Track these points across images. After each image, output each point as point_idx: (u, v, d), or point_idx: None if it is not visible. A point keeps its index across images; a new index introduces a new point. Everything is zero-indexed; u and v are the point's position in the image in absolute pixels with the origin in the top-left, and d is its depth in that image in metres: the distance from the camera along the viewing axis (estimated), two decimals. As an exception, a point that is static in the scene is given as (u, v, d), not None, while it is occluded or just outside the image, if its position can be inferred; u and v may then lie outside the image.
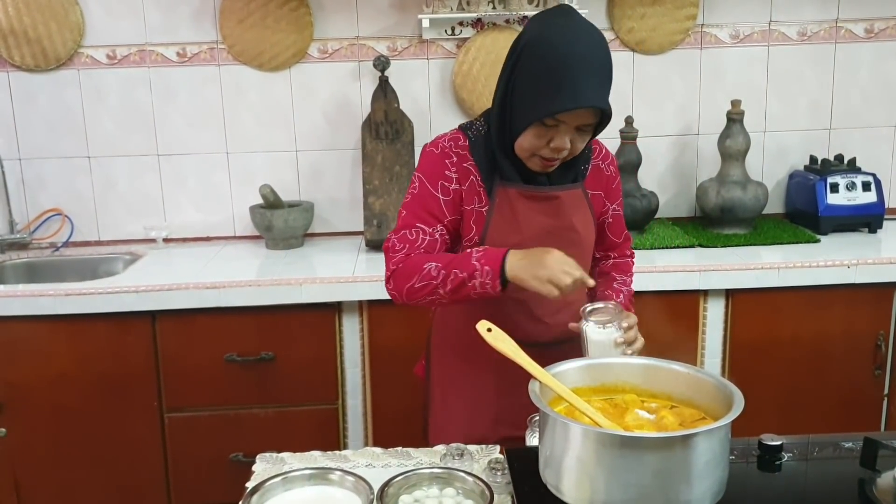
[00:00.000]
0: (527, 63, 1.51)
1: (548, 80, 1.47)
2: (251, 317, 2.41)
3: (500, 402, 1.72)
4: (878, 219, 2.80)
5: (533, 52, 1.51)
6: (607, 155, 1.76)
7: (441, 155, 1.63)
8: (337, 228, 2.97)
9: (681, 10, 2.85)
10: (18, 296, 2.37)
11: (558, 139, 1.52)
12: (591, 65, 1.48)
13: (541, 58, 1.49)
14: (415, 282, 1.56)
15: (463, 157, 1.63)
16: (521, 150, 1.57)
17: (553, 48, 1.47)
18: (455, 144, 1.64)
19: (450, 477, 1.35)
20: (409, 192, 1.66)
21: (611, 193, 1.77)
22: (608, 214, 1.78)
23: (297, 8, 2.79)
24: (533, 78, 1.50)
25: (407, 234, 1.62)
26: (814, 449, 1.49)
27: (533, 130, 1.53)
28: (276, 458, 1.52)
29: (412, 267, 1.57)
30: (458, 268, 1.52)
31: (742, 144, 2.77)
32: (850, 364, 2.52)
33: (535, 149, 1.55)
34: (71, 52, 2.79)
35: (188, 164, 2.90)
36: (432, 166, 1.64)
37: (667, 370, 1.43)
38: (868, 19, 2.90)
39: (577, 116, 1.50)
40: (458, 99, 2.87)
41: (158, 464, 2.48)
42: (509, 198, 1.62)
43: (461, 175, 1.63)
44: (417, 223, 1.62)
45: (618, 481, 1.17)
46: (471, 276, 1.50)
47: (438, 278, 1.53)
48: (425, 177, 1.64)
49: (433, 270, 1.54)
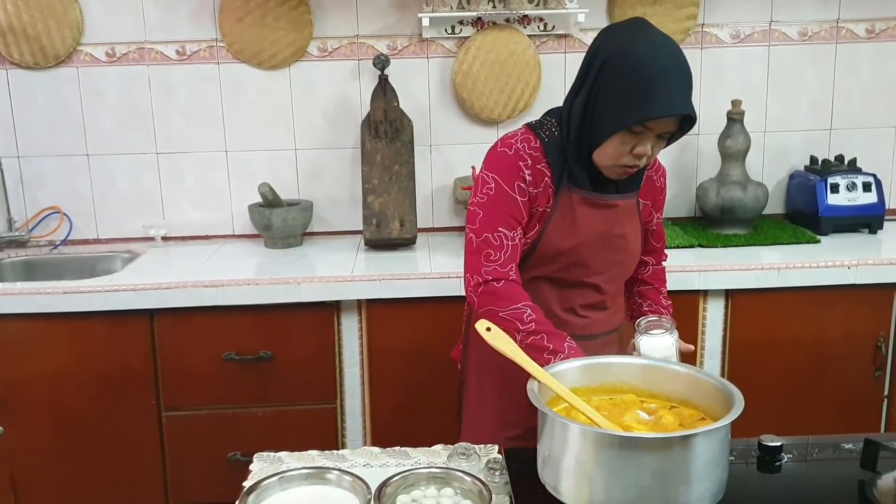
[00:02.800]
0: (612, 74, 1.54)
1: (638, 90, 1.50)
2: (250, 316, 2.40)
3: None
4: (878, 219, 2.79)
5: (617, 64, 1.53)
6: (660, 167, 1.82)
7: (515, 157, 1.65)
8: (336, 227, 2.96)
9: (681, 10, 2.85)
10: (17, 294, 2.37)
11: (641, 146, 1.56)
12: (678, 73, 1.52)
13: (628, 69, 1.52)
14: (502, 311, 1.57)
15: (537, 158, 1.65)
16: (605, 157, 1.60)
17: (638, 59, 1.51)
18: (528, 146, 1.66)
19: (448, 477, 1.34)
20: (483, 193, 1.66)
21: (658, 203, 1.84)
22: (653, 223, 1.84)
23: (296, 6, 2.78)
24: (621, 89, 1.53)
25: (491, 240, 1.63)
26: (814, 450, 1.48)
27: (619, 138, 1.56)
28: (274, 457, 1.51)
29: (509, 295, 1.59)
30: (548, 336, 1.54)
31: (742, 144, 2.76)
32: (850, 365, 2.52)
33: (618, 156, 1.58)
34: (70, 49, 2.78)
35: (187, 162, 2.90)
36: (508, 168, 1.65)
37: (666, 370, 1.43)
38: (869, 20, 2.89)
39: (663, 123, 1.55)
40: (458, 98, 2.86)
41: (156, 462, 2.48)
42: (572, 202, 1.66)
43: (535, 177, 1.65)
44: (500, 227, 1.63)
45: (617, 482, 1.17)
46: (553, 352, 1.51)
47: (526, 327, 1.55)
48: (501, 178, 1.64)
49: (526, 317, 1.56)
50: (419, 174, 2.84)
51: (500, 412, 1.76)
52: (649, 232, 1.85)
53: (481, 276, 1.62)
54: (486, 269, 1.61)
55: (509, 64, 2.82)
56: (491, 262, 1.62)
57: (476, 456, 1.47)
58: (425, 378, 2.44)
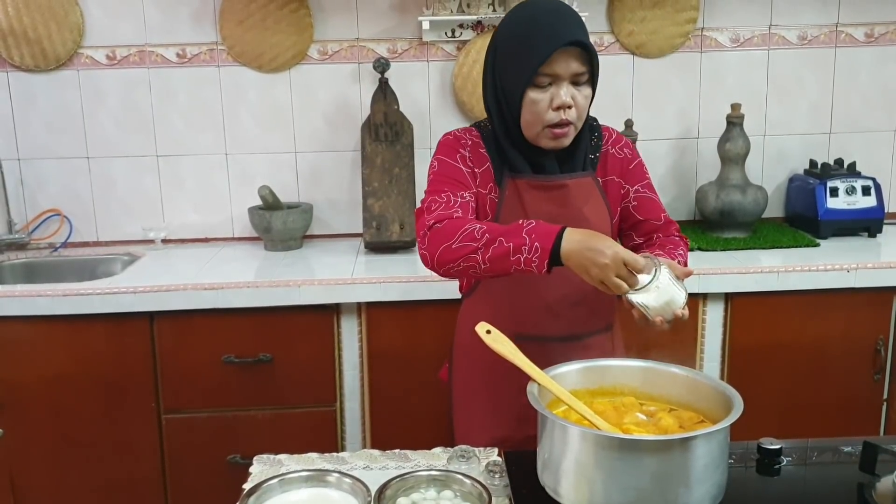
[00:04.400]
0: (502, 43, 1.58)
1: (524, 39, 1.52)
2: (249, 318, 2.40)
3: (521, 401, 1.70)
4: (877, 223, 2.80)
5: (504, 31, 1.58)
6: (619, 139, 1.73)
7: (455, 139, 1.66)
8: (336, 230, 2.96)
9: (681, 14, 2.85)
10: (16, 296, 2.37)
11: (557, 97, 1.53)
12: (558, 11, 1.53)
13: (512, 29, 1.56)
14: (453, 242, 1.46)
15: (477, 144, 1.66)
16: (528, 126, 1.57)
17: (519, 15, 1.56)
18: (469, 134, 1.67)
19: (447, 479, 1.34)
20: (430, 174, 1.65)
21: (629, 175, 1.71)
22: (630, 197, 1.71)
23: (297, 9, 2.79)
24: (511, 49, 1.55)
25: (437, 199, 1.57)
26: (813, 453, 1.48)
27: (529, 98, 1.54)
28: (274, 459, 1.51)
29: (453, 227, 1.47)
30: (504, 236, 1.42)
31: (742, 148, 2.77)
32: (849, 368, 2.52)
33: (539, 117, 1.55)
34: (71, 52, 2.79)
35: (187, 165, 2.90)
36: (448, 148, 1.65)
37: (666, 373, 1.43)
38: (868, 24, 2.90)
39: (564, 64, 1.52)
40: (458, 101, 2.87)
41: (155, 465, 2.47)
42: (518, 189, 1.62)
43: (475, 158, 1.64)
44: (445, 189, 1.58)
45: (616, 484, 1.17)
46: (517, 248, 1.40)
47: (481, 241, 1.43)
48: (444, 155, 1.65)
49: (476, 232, 1.44)
50: (419, 177, 2.84)
51: (490, 428, 1.71)
52: (631, 208, 1.71)
53: (422, 226, 1.53)
54: (431, 216, 1.53)
55: (509, 67, 2.83)
56: (432, 213, 1.54)
57: (476, 458, 1.47)
58: (425, 381, 2.43)
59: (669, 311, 1.40)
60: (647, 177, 1.74)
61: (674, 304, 1.40)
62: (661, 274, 1.39)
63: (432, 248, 1.49)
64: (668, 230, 1.72)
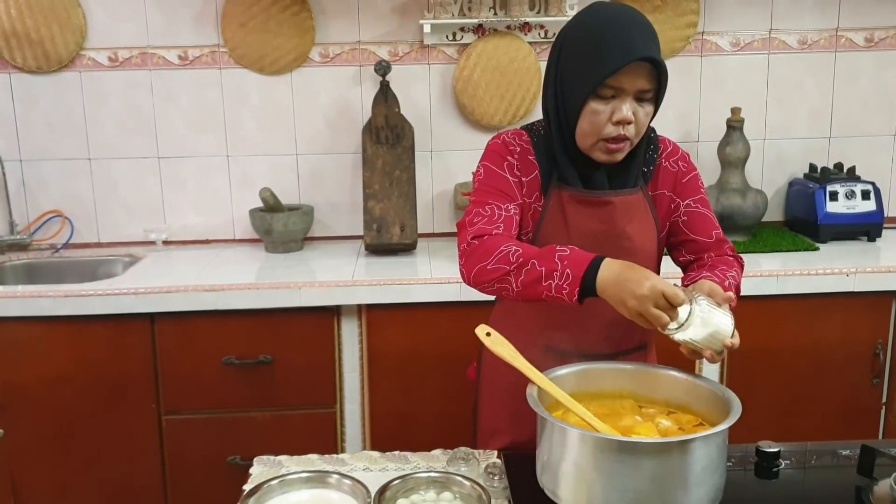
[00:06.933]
0: (570, 47, 1.50)
1: (594, 49, 1.45)
2: (250, 320, 2.41)
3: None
4: (877, 227, 2.80)
5: (574, 36, 1.50)
6: (675, 151, 1.67)
7: (503, 145, 1.60)
8: (336, 232, 2.97)
9: (681, 18, 2.86)
10: (18, 297, 2.37)
11: (619, 112, 1.46)
12: (634, 24, 1.45)
13: (583, 36, 1.47)
14: (488, 263, 1.43)
15: (526, 150, 1.59)
16: (584, 136, 1.51)
17: (592, 22, 1.48)
18: (518, 139, 1.61)
19: (447, 481, 1.35)
20: (476, 181, 1.61)
21: (681, 189, 1.64)
22: (680, 212, 1.64)
23: (298, 12, 2.79)
24: (579, 56, 1.47)
25: (481, 211, 1.53)
26: (811, 456, 1.49)
27: (590, 108, 1.47)
28: (274, 461, 1.52)
29: (490, 246, 1.44)
30: (538, 259, 1.38)
31: (742, 152, 2.77)
32: (848, 372, 2.52)
33: (597, 129, 1.48)
34: (73, 54, 2.79)
35: (188, 166, 2.91)
36: (496, 154, 1.60)
37: (665, 376, 1.43)
38: (868, 28, 2.91)
39: (632, 79, 1.45)
40: (459, 104, 2.87)
41: (156, 466, 2.48)
42: (562, 201, 1.57)
43: (523, 166, 1.58)
44: (490, 200, 1.54)
45: (615, 486, 1.17)
46: (549, 274, 1.36)
47: (514, 265, 1.40)
48: (490, 162, 1.59)
49: (511, 255, 1.41)
50: (420, 180, 2.85)
51: (513, 430, 1.67)
52: (680, 223, 1.64)
53: (462, 242, 1.50)
54: (471, 231, 1.49)
55: (510, 71, 2.83)
56: (473, 226, 1.50)
57: (475, 460, 1.47)
58: (425, 383, 2.44)
59: (718, 341, 1.35)
60: (701, 192, 1.67)
61: (720, 334, 1.35)
62: (699, 307, 1.33)
63: (469, 266, 1.47)
64: (720, 249, 1.66)
